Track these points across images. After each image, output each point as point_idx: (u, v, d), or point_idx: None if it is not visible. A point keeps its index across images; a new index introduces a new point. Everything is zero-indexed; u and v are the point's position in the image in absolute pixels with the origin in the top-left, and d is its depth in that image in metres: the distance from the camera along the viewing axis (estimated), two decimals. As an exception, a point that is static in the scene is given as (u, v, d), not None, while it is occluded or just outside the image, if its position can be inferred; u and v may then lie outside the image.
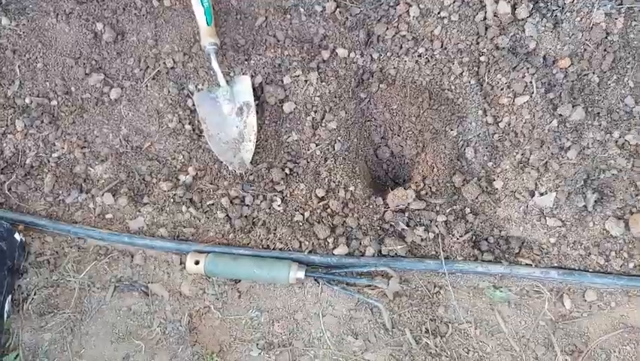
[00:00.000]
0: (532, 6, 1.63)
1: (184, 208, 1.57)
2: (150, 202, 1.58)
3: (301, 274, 1.47)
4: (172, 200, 1.57)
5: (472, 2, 1.63)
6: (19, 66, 1.66)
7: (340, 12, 1.68)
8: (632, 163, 1.54)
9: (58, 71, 1.66)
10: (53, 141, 1.62)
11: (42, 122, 1.63)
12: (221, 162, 1.60)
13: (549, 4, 1.64)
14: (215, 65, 1.60)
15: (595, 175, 1.55)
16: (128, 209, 1.57)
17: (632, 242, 1.52)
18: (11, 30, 1.67)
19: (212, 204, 1.58)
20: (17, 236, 1.51)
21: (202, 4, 1.61)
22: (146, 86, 1.65)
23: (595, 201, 1.53)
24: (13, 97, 1.65)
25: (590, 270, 1.52)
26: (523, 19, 1.63)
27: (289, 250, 1.53)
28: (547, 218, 1.54)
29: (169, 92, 1.64)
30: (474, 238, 1.55)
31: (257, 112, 1.62)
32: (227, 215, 1.56)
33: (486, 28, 1.63)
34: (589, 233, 1.53)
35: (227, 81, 1.62)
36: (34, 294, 1.52)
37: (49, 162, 1.62)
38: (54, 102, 1.65)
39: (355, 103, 1.65)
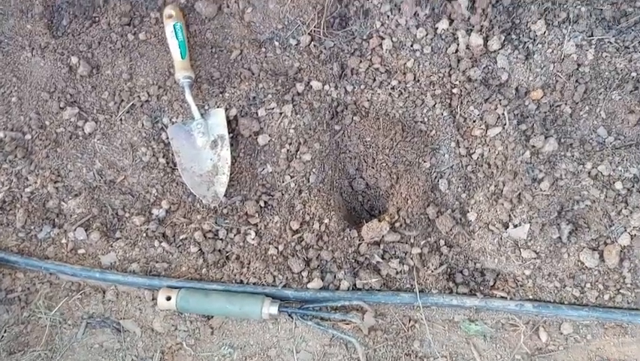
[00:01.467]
0: (503, 38, 1.64)
1: (156, 243, 1.55)
2: (123, 237, 1.57)
3: (274, 310, 1.46)
4: (145, 234, 1.56)
5: (444, 35, 1.64)
6: (-7, 100, 1.66)
7: (314, 45, 1.69)
8: (605, 194, 1.54)
9: (32, 104, 1.66)
10: (26, 175, 1.62)
11: (15, 156, 1.62)
12: (195, 196, 1.59)
13: (521, 35, 1.65)
14: (189, 98, 1.60)
15: (569, 206, 1.55)
16: (101, 244, 1.56)
17: (607, 273, 1.52)
18: (-14, 65, 1.67)
19: (185, 239, 1.57)
20: (-13, 273, 1.49)
21: (176, 37, 1.62)
22: (121, 119, 1.65)
23: (569, 233, 1.53)
24: (-13, 131, 1.64)
25: (566, 302, 1.51)
26: (495, 51, 1.65)
27: (263, 284, 1.52)
28: (521, 250, 1.53)
29: (143, 125, 1.64)
30: (449, 270, 1.55)
31: (231, 144, 1.62)
32: (201, 249, 1.55)
33: (458, 61, 1.64)
34: (564, 265, 1.53)
35: (201, 114, 1.62)
36: (5, 332, 1.50)
37: (21, 196, 1.61)
38: (28, 136, 1.64)
39: (330, 135, 1.65)
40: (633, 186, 1.54)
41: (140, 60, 1.68)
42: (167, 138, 1.63)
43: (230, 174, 1.60)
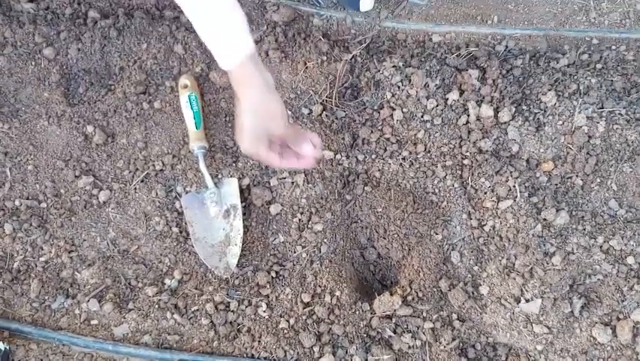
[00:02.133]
0: (514, 109, 1.66)
1: (168, 315, 1.56)
2: (135, 308, 1.58)
3: (285, 386, 1.46)
4: (157, 306, 1.57)
5: (454, 106, 1.66)
6: (10, 168, 1.69)
7: (326, 115, 1.71)
8: (617, 269, 1.54)
9: (48, 173, 1.69)
10: (41, 244, 1.64)
11: (31, 225, 1.64)
12: (207, 266, 1.60)
13: (531, 107, 1.67)
14: (202, 167, 1.62)
15: (581, 280, 1.55)
16: (113, 315, 1.57)
17: (620, 349, 1.51)
18: (3, 133, 1.70)
19: (197, 310, 1.58)
20: (1, 345, 1.51)
21: (191, 108, 1.65)
22: (135, 188, 1.67)
23: (581, 307, 1.53)
24: (3, 199, 1.67)
25: (579, 379, 1.50)
26: (505, 123, 1.66)
27: (274, 359, 1.52)
28: (533, 325, 1.53)
29: (157, 194, 1.66)
30: (461, 345, 1.55)
31: (244, 213, 1.63)
32: (212, 321, 1.56)
33: (469, 132, 1.66)
34: (576, 340, 1.52)
35: (215, 183, 1.64)
36: (17, 405, 1.51)
37: (36, 266, 1.62)
38: (43, 205, 1.67)
39: (341, 205, 1.66)
40: (646, 261, 1.54)
41: (155, 129, 1.71)
42: (181, 207, 1.65)
43: (243, 244, 1.61)
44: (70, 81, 1.77)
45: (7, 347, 1.53)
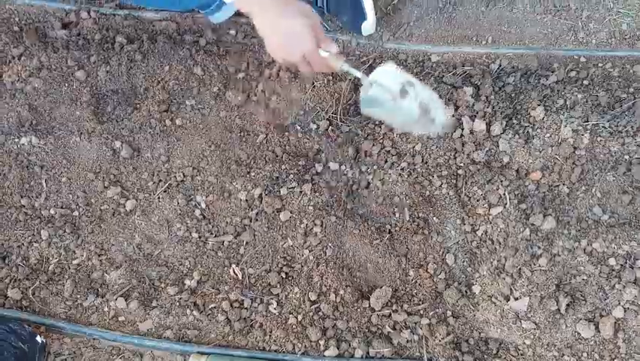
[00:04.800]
0: (505, 123, 1.80)
1: (188, 311, 1.72)
2: (158, 306, 1.74)
3: (293, 376, 1.61)
4: (178, 304, 1.73)
5: (450, 120, 1.80)
6: (45, 180, 1.87)
7: (332, 130, 1.87)
8: (599, 269, 1.67)
9: (80, 184, 1.86)
10: (74, 249, 1.81)
11: (64, 231, 1.82)
12: (224, 268, 1.76)
13: (521, 121, 1.81)
14: (353, 70, 1.53)
15: (566, 280, 1.68)
16: (139, 312, 1.73)
17: (603, 344, 1.63)
18: (40, 148, 1.89)
19: (214, 308, 1.73)
20: (39, 338, 1.68)
21: None
22: (158, 197, 1.84)
23: (567, 305, 1.65)
24: (40, 208, 1.85)
25: (564, 371, 1.63)
26: (497, 136, 1.80)
27: (283, 351, 1.67)
28: (522, 321, 1.66)
29: (178, 203, 1.82)
30: (455, 339, 1.68)
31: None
32: (228, 318, 1.72)
33: (463, 145, 1.80)
34: (562, 335, 1.65)
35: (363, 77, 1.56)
36: (52, 392, 1.68)
37: (69, 268, 1.79)
38: (76, 213, 1.84)
39: (345, 212, 1.81)
40: (626, 262, 1.66)
41: (177, 144, 1.88)
42: (201, 214, 1.80)
43: (255, 249, 1.77)
44: (99, 101, 1.95)
45: (44, 341, 1.70)
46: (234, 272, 1.77)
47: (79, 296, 1.77)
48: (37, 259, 1.81)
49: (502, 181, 1.75)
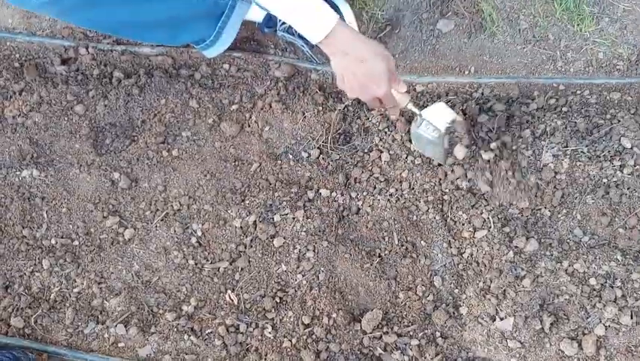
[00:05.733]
0: (487, 150, 1.88)
1: (186, 337, 1.78)
2: (157, 331, 1.80)
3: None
4: (176, 329, 1.79)
5: (435, 148, 1.88)
6: (46, 211, 1.94)
7: (323, 158, 1.95)
8: (581, 289, 1.74)
9: (80, 214, 1.93)
10: (74, 277, 1.87)
11: (65, 260, 1.88)
12: (220, 293, 1.83)
13: (504, 147, 1.89)
14: (413, 108, 1.75)
15: (550, 300, 1.75)
16: (138, 338, 1.79)
17: (586, 361, 1.70)
18: (41, 180, 1.96)
19: (211, 332, 1.79)
20: (41, 366, 1.74)
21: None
22: (156, 226, 1.90)
23: (550, 324, 1.72)
24: (41, 238, 1.91)
25: (549, 388, 1.69)
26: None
27: (278, 374, 1.73)
28: (507, 340, 1.73)
29: (175, 231, 1.89)
30: (444, 359, 1.74)
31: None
32: (224, 342, 1.78)
33: (447, 172, 1.88)
34: (546, 353, 1.71)
35: (420, 115, 1.76)
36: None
37: (70, 296, 1.85)
38: (76, 243, 1.91)
39: (336, 236, 1.88)
40: (606, 282, 1.73)
41: (173, 174, 1.96)
42: (197, 241, 1.87)
43: (250, 274, 1.84)
44: (98, 134, 2.02)
45: (46, 368, 1.76)
46: (230, 298, 1.83)
47: (80, 323, 1.83)
48: (39, 288, 1.87)
49: (485, 206, 1.82)
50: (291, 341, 1.76)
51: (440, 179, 1.88)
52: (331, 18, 1.47)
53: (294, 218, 1.89)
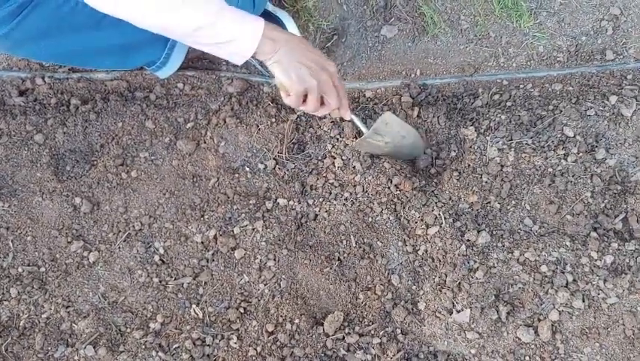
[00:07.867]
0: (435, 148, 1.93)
1: (154, 353, 1.82)
2: (125, 350, 1.84)
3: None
4: (144, 347, 1.83)
5: (385, 151, 1.94)
6: (12, 240, 1.97)
7: (279, 168, 2.00)
8: (533, 277, 1.79)
9: (45, 241, 1.97)
10: (42, 303, 1.91)
11: (32, 287, 1.92)
12: (185, 308, 1.87)
13: (451, 145, 1.94)
14: (358, 122, 1.84)
15: (504, 290, 1.80)
16: (107, 358, 1.83)
17: (542, 346, 1.75)
18: (4, 210, 1.99)
19: (178, 347, 1.83)
20: (13, 392, 1.77)
21: None
22: (119, 247, 1.95)
23: (507, 313, 1.77)
24: (8, 268, 1.95)
25: (508, 375, 1.74)
26: (430, 161, 1.93)
27: (245, 382, 1.77)
28: (466, 332, 1.78)
29: (137, 251, 1.93)
30: (406, 355, 1.79)
31: (213, 260, 1.90)
32: (191, 355, 1.82)
33: (397, 173, 1.93)
34: (504, 342, 1.76)
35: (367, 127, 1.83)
36: None
37: (39, 322, 1.89)
38: (42, 269, 1.94)
39: (295, 244, 1.93)
40: (557, 268, 1.79)
41: (133, 195, 2.00)
42: (160, 259, 1.91)
43: (215, 286, 1.88)
44: (58, 161, 2.06)
45: (18, 394, 1.79)
46: (195, 312, 1.87)
47: (50, 348, 1.86)
48: (9, 316, 1.90)
49: (436, 203, 1.88)
50: (256, 349, 1.81)
51: (391, 180, 1.93)
52: (255, 34, 1.49)
53: (253, 229, 1.94)
